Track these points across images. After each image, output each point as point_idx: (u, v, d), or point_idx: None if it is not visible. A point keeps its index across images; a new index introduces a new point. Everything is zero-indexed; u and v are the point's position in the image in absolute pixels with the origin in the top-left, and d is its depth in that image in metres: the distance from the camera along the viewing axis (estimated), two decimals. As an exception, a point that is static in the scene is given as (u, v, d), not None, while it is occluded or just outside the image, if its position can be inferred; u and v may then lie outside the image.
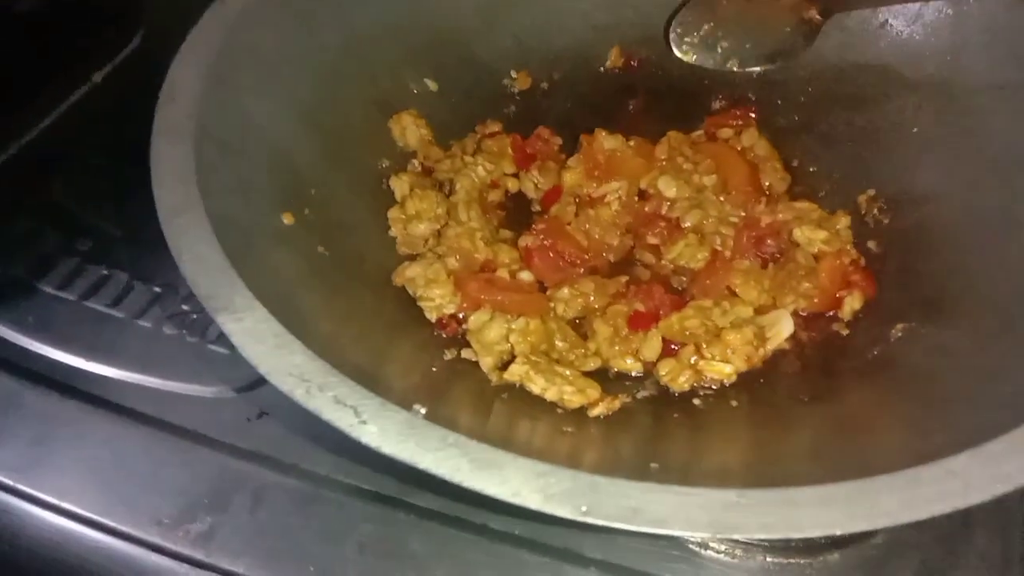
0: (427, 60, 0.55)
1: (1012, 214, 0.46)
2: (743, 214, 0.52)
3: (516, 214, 0.56)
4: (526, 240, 0.51)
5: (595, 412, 0.43)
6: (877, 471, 0.31)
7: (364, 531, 0.45)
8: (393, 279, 0.49)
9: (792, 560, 0.43)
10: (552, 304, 0.49)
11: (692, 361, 0.46)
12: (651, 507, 0.30)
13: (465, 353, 0.46)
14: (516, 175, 0.56)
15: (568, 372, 0.44)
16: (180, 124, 0.41)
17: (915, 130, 0.54)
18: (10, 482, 0.48)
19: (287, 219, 0.44)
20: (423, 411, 0.33)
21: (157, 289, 0.57)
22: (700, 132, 0.58)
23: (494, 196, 0.55)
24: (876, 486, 0.30)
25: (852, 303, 0.48)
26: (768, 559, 0.44)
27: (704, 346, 0.46)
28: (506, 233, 0.53)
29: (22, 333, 0.55)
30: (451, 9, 0.56)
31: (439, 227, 0.51)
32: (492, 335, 0.46)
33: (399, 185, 0.52)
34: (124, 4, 0.80)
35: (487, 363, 0.45)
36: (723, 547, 0.44)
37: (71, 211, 0.63)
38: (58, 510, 0.47)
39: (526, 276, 0.50)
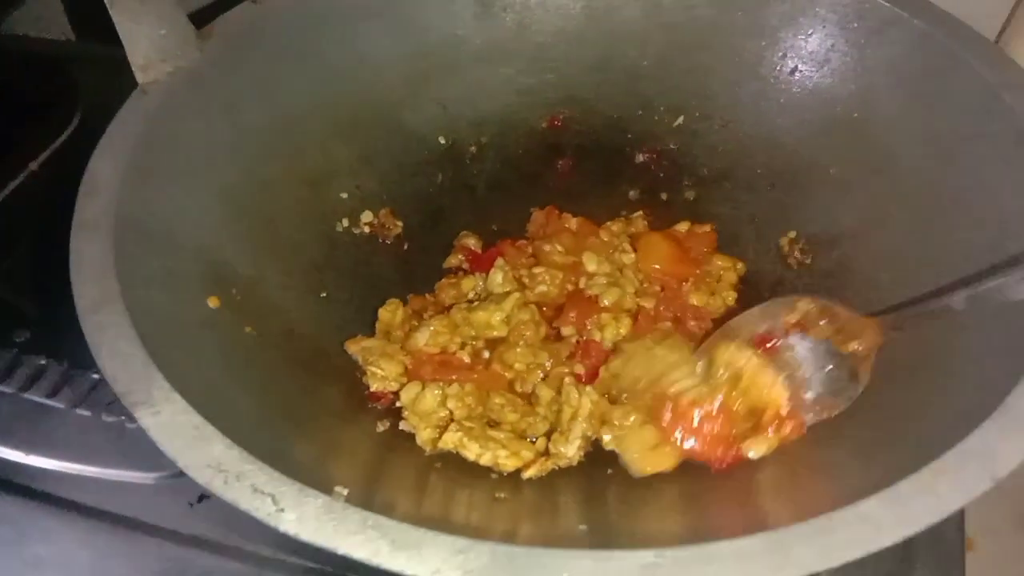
0: (354, 132, 0.56)
1: (925, 251, 0.48)
2: (659, 289, 0.53)
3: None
4: None
5: (528, 474, 0.43)
6: (796, 518, 0.32)
7: (311, 610, 0.44)
8: (346, 346, 0.49)
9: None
10: (509, 376, 0.49)
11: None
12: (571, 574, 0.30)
13: (402, 425, 0.46)
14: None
15: (502, 435, 0.44)
16: (99, 217, 0.41)
17: (832, 171, 0.55)
18: (-50, 588, 0.48)
19: (212, 303, 0.44)
20: (345, 492, 0.33)
21: (95, 376, 0.56)
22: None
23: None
24: (791, 536, 0.30)
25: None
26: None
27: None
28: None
29: (-40, 431, 0.55)
30: (376, 81, 0.57)
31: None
32: (428, 404, 0.46)
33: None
34: (59, 90, 0.81)
35: (423, 435, 0.45)
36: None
37: (8, 302, 0.63)
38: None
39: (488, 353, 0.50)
